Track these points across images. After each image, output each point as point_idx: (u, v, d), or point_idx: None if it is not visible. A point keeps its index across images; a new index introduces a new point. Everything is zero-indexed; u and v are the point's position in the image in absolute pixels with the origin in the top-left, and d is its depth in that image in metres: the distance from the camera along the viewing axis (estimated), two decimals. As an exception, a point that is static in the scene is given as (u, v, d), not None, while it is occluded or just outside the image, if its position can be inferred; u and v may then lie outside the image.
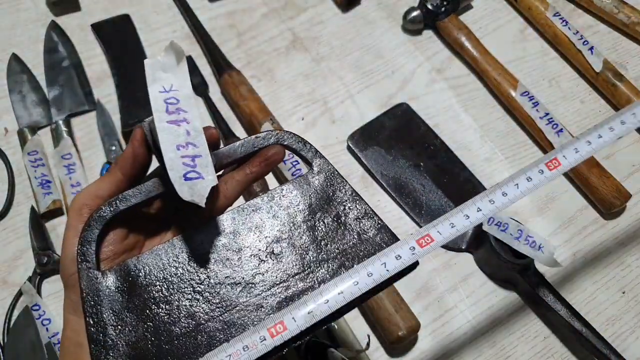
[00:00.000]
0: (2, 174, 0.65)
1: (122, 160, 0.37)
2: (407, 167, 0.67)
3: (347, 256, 0.38)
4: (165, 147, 0.33)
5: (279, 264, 0.37)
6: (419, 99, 0.73)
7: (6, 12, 0.77)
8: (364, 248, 0.38)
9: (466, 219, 0.38)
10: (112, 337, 0.34)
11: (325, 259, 0.38)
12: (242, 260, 0.37)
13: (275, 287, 0.36)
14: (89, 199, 0.37)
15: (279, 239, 0.38)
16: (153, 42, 0.76)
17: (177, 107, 0.34)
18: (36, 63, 0.72)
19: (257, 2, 0.80)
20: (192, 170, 0.33)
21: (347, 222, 0.39)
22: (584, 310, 0.59)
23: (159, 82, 0.34)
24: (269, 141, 0.39)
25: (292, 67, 0.75)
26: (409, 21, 0.77)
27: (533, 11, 0.78)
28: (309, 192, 0.39)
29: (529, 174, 0.39)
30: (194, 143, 0.33)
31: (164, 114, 0.33)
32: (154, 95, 0.34)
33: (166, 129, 0.33)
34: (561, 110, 0.73)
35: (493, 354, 0.58)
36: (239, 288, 0.36)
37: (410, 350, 0.58)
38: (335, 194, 0.40)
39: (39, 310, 0.57)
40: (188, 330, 0.35)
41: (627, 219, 0.66)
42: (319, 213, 0.39)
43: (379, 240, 0.39)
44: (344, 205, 0.39)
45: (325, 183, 0.40)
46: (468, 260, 0.63)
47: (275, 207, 0.39)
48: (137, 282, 0.36)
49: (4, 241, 0.61)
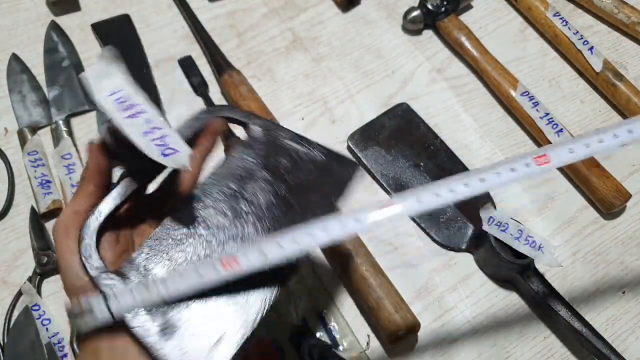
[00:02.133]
0: (2, 174, 0.65)
1: (89, 173, 0.39)
2: (407, 167, 0.67)
3: (310, 182, 0.43)
4: (135, 138, 0.35)
5: (257, 208, 0.41)
6: (419, 99, 0.73)
7: (6, 12, 0.77)
8: (319, 170, 0.44)
9: (436, 197, 0.38)
10: (144, 318, 0.36)
11: (297, 189, 0.43)
12: (227, 221, 0.41)
13: (262, 225, 0.41)
14: (69, 218, 0.38)
15: (249, 190, 0.42)
16: (153, 42, 0.76)
17: (129, 103, 0.36)
18: (36, 63, 0.72)
19: (257, 2, 0.80)
20: (166, 147, 0.36)
21: (299, 157, 0.44)
22: (584, 310, 0.59)
23: (103, 89, 0.37)
24: (204, 117, 0.44)
25: (292, 67, 0.75)
26: (409, 21, 0.77)
27: (533, 11, 0.78)
28: (257, 147, 0.44)
29: (514, 165, 0.38)
30: (157, 127, 0.36)
31: (120, 112, 0.36)
32: (104, 102, 0.36)
33: (128, 124, 0.36)
34: (561, 110, 0.73)
35: (493, 354, 0.58)
36: (232, 241, 0.40)
37: (410, 350, 0.58)
38: (278, 138, 0.45)
39: (39, 310, 0.57)
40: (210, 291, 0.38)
41: (627, 219, 0.66)
42: (272, 159, 0.44)
43: (327, 160, 0.44)
44: (290, 146, 0.45)
45: (267, 134, 0.45)
46: (468, 260, 0.63)
47: (234, 169, 0.43)
48: (145, 269, 0.38)
49: (3, 241, 0.61)
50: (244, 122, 0.46)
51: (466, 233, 0.63)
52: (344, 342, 0.56)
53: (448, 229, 0.64)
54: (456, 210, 0.64)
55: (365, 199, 0.66)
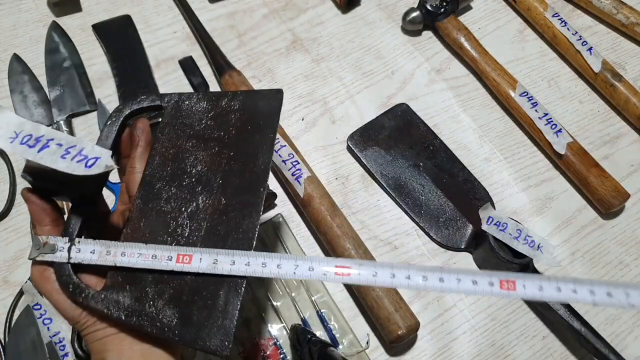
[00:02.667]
0: (4, 173, 0.65)
1: (36, 217, 0.41)
2: (407, 167, 0.67)
3: (242, 127, 0.44)
4: (56, 165, 0.36)
5: (200, 175, 0.43)
6: (419, 99, 0.73)
7: (7, 13, 0.77)
8: (246, 113, 0.45)
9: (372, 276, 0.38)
10: (151, 311, 0.38)
11: (233, 139, 0.44)
12: (184, 194, 0.42)
13: (222, 182, 0.42)
14: (40, 264, 0.40)
15: (193, 162, 0.43)
16: (154, 42, 0.76)
17: (34, 138, 0.37)
18: (37, 63, 0.73)
19: (258, 3, 0.81)
20: (87, 159, 0.37)
21: (221, 111, 0.45)
22: (583, 310, 0.59)
23: (3, 136, 0.37)
24: (117, 119, 0.45)
25: (292, 68, 0.75)
26: (408, 22, 0.77)
27: (532, 12, 0.79)
28: (178, 120, 0.45)
29: (476, 277, 0.37)
30: (70, 146, 0.37)
31: (30, 150, 0.37)
32: (9, 147, 0.37)
33: (42, 155, 0.37)
34: (560, 110, 0.73)
35: (492, 353, 0.58)
36: (202, 206, 0.41)
37: (410, 349, 0.58)
38: (194, 105, 0.46)
39: (40, 309, 0.57)
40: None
41: (626, 218, 0.66)
42: (196, 124, 0.45)
43: (248, 101, 0.45)
44: (208, 106, 0.46)
45: (178, 106, 0.46)
46: (467, 259, 0.63)
47: (167, 150, 0.44)
48: (132, 274, 0.39)
49: (5, 241, 0.62)
50: (158, 105, 0.47)
51: (465, 233, 0.64)
52: (343, 341, 0.57)
53: (447, 228, 0.64)
54: (455, 210, 0.65)
55: (365, 198, 0.66)
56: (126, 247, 0.39)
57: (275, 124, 0.44)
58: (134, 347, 0.38)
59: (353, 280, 0.37)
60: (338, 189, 0.66)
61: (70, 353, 0.55)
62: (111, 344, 0.38)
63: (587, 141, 0.71)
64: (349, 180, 0.67)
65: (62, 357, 0.55)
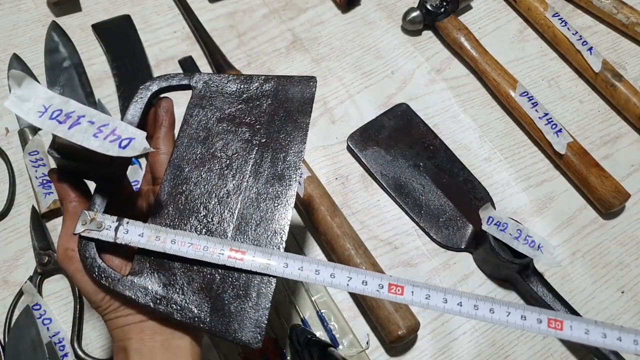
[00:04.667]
0: (3, 173, 0.65)
1: (62, 195, 0.40)
2: (407, 167, 0.67)
3: (273, 113, 0.44)
4: (88, 143, 0.35)
5: (231, 159, 0.42)
6: (419, 99, 0.73)
7: (7, 13, 0.77)
8: (277, 99, 0.45)
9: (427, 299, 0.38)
10: (182, 299, 0.37)
11: (264, 126, 0.43)
12: (214, 178, 0.41)
13: (253, 171, 0.41)
14: (66, 242, 0.39)
15: (223, 146, 0.43)
16: (154, 42, 0.76)
17: (64, 114, 0.35)
18: (37, 63, 0.73)
19: (258, 3, 0.80)
20: (121, 139, 0.35)
21: (252, 95, 0.45)
22: (583, 310, 0.59)
23: (31, 110, 0.36)
24: (144, 96, 0.43)
25: (292, 68, 0.75)
26: (408, 22, 0.77)
27: (532, 12, 0.79)
28: (207, 102, 0.44)
29: (525, 313, 0.37)
30: (103, 124, 0.35)
31: (61, 126, 0.35)
32: (38, 122, 0.35)
33: (73, 133, 0.35)
34: (560, 110, 0.73)
35: (492, 353, 0.58)
36: (232, 193, 0.41)
37: (410, 349, 0.58)
38: (225, 87, 0.45)
39: (40, 309, 0.57)
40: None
41: (626, 218, 0.66)
42: (227, 107, 0.44)
43: (280, 87, 0.45)
44: (239, 89, 0.45)
45: (211, 87, 0.45)
46: (467, 259, 0.63)
47: (196, 132, 0.43)
48: (161, 261, 0.39)
49: (4, 241, 0.62)
50: (184, 85, 0.45)
51: (466, 233, 0.63)
52: (343, 342, 0.57)
53: (447, 228, 0.64)
54: (456, 210, 0.65)
55: (365, 198, 0.66)
56: (177, 234, 0.38)
57: (309, 113, 0.44)
58: (155, 338, 0.38)
59: (406, 300, 0.37)
60: (338, 189, 0.66)
61: (70, 353, 0.55)
62: (132, 332, 0.38)
63: (587, 141, 0.71)
64: (349, 180, 0.67)
65: (62, 357, 0.55)
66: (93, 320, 0.57)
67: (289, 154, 0.42)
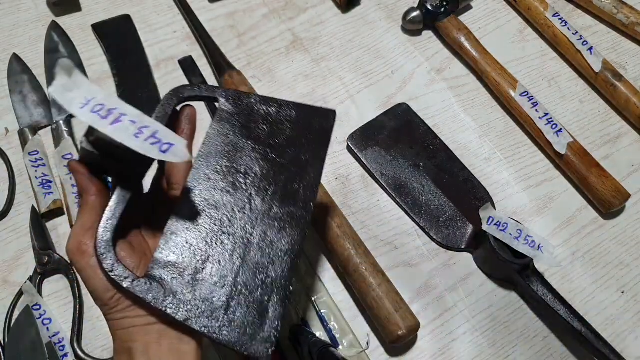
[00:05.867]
0: (3, 174, 0.65)
1: (82, 187, 0.39)
2: (407, 167, 0.67)
3: (293, 139, 0.45)
4: (130, 143, 0.34)
5: (257, 175, 0.43)
6: (419, 99, 0.73)
7: (7, 13, 0.77)
8: (298, 126, 0.46)
9: None
10: (196, 306, 0.37)
11: (282, 150, 0.44)
12: (232, 192, 0.42)
13: (269, 190, 0.42)
14: (80, 236, 0.38)
15: (242, 162, 0.44)
16: (154, 42, 0.76)
17: (106, 109, 0.35)
18: (37, 63, 0.73)
19: (258, 3, 0.80)
20: (162, 143, 0.35)
21: (274, 119, 0.46)
22: (583, 310, 0.59)
23: (74, 101, 0.35)
24: (172, 102, 0.43)
25: (292, 68, 0.75)
26: (408, 21, 0.77)
27: (532, 11, 0.79)
28: (232, 118, 0.45)
29: None
30: (144, 126, 0.35)
31: (102, 121, 0.35)
32: (81, 114, 0.35)
33: (115, 130, 0.35)
34: (560, 110, 0.73)
35: (493, 353, 0.58)
36: (247, 208, 0.42)
37: (410, 349, 0.58)
38: (250, 106, 0.46)
39: (40, 309, 0.57)
40: (241, 259, 0.40)
41: (626, 218, 0.66)
42: (251, 125, 0.45)
43: (302, 115, 0.46)
44: (262, 110, 0.46)
45: (237, 104, 0.46)
46: (467, 259, 0.63)
47: (219, 145, 0.44)
48: (176, 261, 0.39)
49: (4, 241, 0.62)
50: (213, 97, 0.46)
51: (466, 233, 0.63)
52: (343, 342, 0.56)
53: (448, 228, 0.64)
54: (456, 210, 0.65)
55: (365, 198, 0.66)
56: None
57: (327, 145, 0.45)
58: (162, 342, 0.37)
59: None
60: (338, 189, 0.66)
61: (69, 353, 0.55)
62: (138, 334, 0.37)
63: (587, 141, 0.71)
64: (349, 180, 0.67)
65: (62, 357, 0.55)
66: (93, 320, 0.57)
67: (307, 180, 0.43)
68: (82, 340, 0.56)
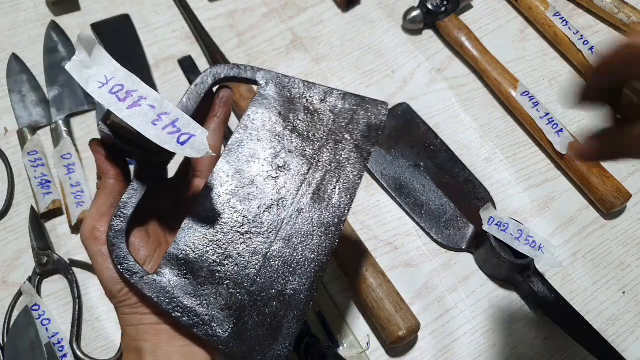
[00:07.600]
0: (2, 174, 0.65)
1: (101, 168, 0.38)
2: (407, 167, 0.67)
3: (334, 133, 0.41)
4: (144, 130, 0.32)
5: (290, 171, 0.40)
6: (419, 99, 0.73)
7: (6, 12, 0.77)
8: (342, 118, 0.41)
9: None
10: (205, 313, 0.35)
11: (321, 145, 0.40)
12: (260, 187, 0.39)
13: (300, 189, 0.39)
14: (94, 220, 0.37)
15: (277, 154, 0.40)
16: (153, 42, 0.76)
17: (125, 91, 0.33)
18: (36, 63, 0.72)
19: (257, 2, 0.80)
20: (180, 134, 0.32)
21: (316, 108, 0.42)
22: (584, 311, 0.59)
23: (92, 79, 0.33)
24: (207, 82, 0.40)
25: (292, 67, 0.75)
26: (409, 21, 0.77)
27: (533, 11, 0.78)
28: (271, 104, 0.42)
29: None
30: (164, 112, 0.32)
31: (120, 104, 0.32)
32: (97, 93, 0.32)
33: (131, 114, 0.32)
34: (561, 110, 0.73)
35: (493, 354, 0.58)
36: (275, 208, 0.38)
37: (411, 350, 0.58)
38: (292, 92, 0.42)
39: (39, 310, 0.56)
40: (260, 264, 0.36)
41: (627, 219, 0.66)
42: (291, 114, 0.41)
43: (348, 106, 0.42)
44: (304, 97, 0.42)
45: (278, 89, 0.42)
46: (468, 260, 0.63)
47: (254, 132, 0.40)
48: (190, 260, 0.36)
49: (3, 241, 0.61)
50: (252, 79, 0.42)
51: (466, 233, 0.63)
52: (344, 342, 0.56)
53: (448, 229, 0.64)
54: (456, 211, 0.64)
55: (365, 199, 0.66)
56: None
57: (374, 143, 0.40)
58: (173, 343, 0.35)
59: None
60: (338, 189, 0.66)
61: (69, 354, 0.55)
62: (148, 334, 0.36)
63: (588, 141, 0.70)
64: (349, 180, 0.67)
65: (61, 357, 0.55)
66: (92, 320, 0.57)
67: (344, 180, 0.39)
68: (81, 341, 0.56)
